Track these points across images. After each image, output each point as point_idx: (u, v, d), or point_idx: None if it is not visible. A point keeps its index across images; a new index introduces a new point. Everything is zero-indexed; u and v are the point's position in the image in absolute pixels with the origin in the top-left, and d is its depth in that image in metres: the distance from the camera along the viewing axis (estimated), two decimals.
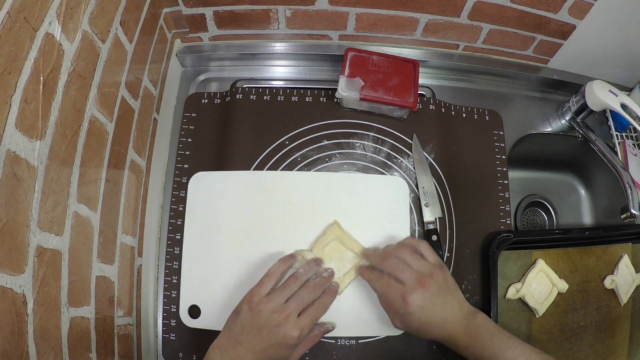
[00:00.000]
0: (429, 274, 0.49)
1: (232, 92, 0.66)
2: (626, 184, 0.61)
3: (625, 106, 0.62)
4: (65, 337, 0.39)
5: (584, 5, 0.60)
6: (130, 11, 0.50)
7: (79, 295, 0.42)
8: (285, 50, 0.70)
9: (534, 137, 0.72)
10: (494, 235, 0.59)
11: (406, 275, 0.48)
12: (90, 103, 0.43)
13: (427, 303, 0.47)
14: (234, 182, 0.60)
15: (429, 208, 0.60)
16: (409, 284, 0.48)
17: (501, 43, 0.70)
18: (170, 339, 0.56)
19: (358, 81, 0.60)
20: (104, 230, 0.47)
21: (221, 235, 0.58)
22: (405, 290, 0.48)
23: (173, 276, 0.58)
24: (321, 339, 0.55)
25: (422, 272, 0.49)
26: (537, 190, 0.85)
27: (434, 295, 0.48)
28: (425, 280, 0.48)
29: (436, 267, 0.50)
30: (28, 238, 0.34)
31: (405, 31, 0.68)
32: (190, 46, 0.70)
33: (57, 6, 0.36)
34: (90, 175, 0.44)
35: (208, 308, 0.56)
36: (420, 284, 0.48)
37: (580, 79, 0.72)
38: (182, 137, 0.64)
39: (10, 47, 0.31)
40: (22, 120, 0.32)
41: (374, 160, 0.63)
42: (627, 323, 0.64)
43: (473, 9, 0.62)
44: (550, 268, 0.60)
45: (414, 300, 0.47)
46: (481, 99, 0.72)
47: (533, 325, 0.59)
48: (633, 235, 0.65)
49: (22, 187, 0.33)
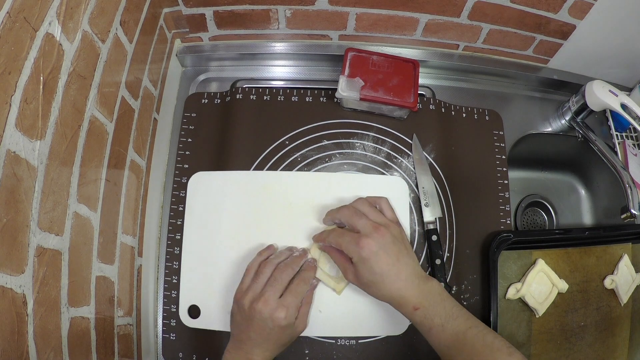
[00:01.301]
0: (385, 224, 0.48)
1: (232, 92, 0.66)
2: (626, 184, 0.61)
3: (625, 106, 0.62)
4: (65, 337, 0.39)
5: (584, 5, 0.60)
6: (130, 11, 0.50)
7: (79, 295, 0.42)
8: (285, 50, 0.70)
9: (534, 137, 0.72)
10: (494, 235, 0.59)
11: (361, 223, 0.48)
12: (90, 103, 0.43)
13: (381, 250, 0.46)
14: (234, 182, 0.60)
15: (429, 208, 0.60)
16: (364, 231, 0.47)
17: (501, 43, 0.70)
18: (170, 339, 0.56)
19: (358, 81, 0.60)
20: (104, 230, 0.47)
21: (221, 235, 0.58)
22: (360, 235, 0.47)
23: (173, 276, 0.58)
24: (321, 339, 0.55)
25: (378, 221, 0.48)
26: (537, 190, 0.85)
27: (388, 244, 0.47)
28: (381, 228, 0.47)
29: (393, 222, 0.49)
30: (28, 238, 0.34)
31: (405, 31, 0.68)
32: (190, 46, 0.70)
33: (57, 6, 0.36)
34: (90, 175, 0.44)
35: (208, 308, 0.56)
36: (375, 229, 0.47)
37: (580, 79, 0.72)
38: (182, 137, 0.64)
39: (10, 47, 0.31)
40: (22, 120, 0.32)
41: (374, 160, 0.63)
42: (627, 323, 0.64)
43: (473, 9, 0.62)
44: (550, 268, 0.60)
45: (368, 244, 0.46)
46: (481, 99, 0.71)
47: (533, 325, 0.59)
48: (633, 235, 0.65)
49: (22, 187, 0.33)
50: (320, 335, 0.55)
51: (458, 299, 0.58)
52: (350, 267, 0.49)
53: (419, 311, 0.46)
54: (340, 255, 0.51)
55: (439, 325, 0.45)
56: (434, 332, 0.45)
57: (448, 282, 0.58)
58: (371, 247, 0.46)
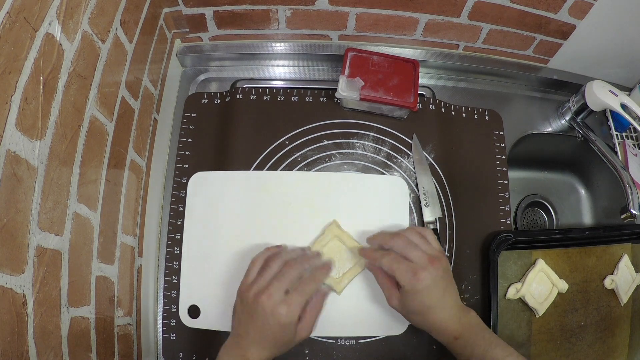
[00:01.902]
0: (437, 257, 0.49)
1: (232, 92, 0.66)
2: (626, 184, 0.61)
3: (625, 106, 0.62)
4: (65, 337, 0.39)
5: (584, 5, 0.60)
6: (130, 11, 0.50)
7: (79, 295, 0.42)
8: (285, 50, 0.70)
9: (534, 137, 0.72)
10: (494, 235, 0.59)
11: (416, 254, 0.48)
12: (90, 103, 0.43)
13: (433, 284, 0.47)
14: (234, 182, 0.60)
15: (429, 208, 0.60)
16: (419, 262, 0.47)
17: (501, 43, 0.70)
18: (170, 339, 0.56)
19: (358, 81, 0.60)
20: (104, 230, 0.47)
21: (221, 235, 0.58)
22: (417, 267, 0.47)
23: (173, 276, 0.58)
24: (321, 339, 0.55)
25: (430, 254, 0.48)
26: (537, 190, 0.85)
27: (439, 278, 0.47)
28: (434, 261, 0.48)
29: (441, 253, 0.50)
30: (28, 238, 0.34)
31: (405, 31, 0.68)
32: (190, 46, 0.70)
33: (57, 6, 0.36)
34: (90, 175, 0.44)
35: (207, 308, 0.56)
36: (430, 262, 0.47)
37: (580, 79, 0.72)
38: (182, 137, 0.64)
39: (10, 47, 0.31)
40: (22, 120, 0.32)
41: (374, 160, 0.63)
42: (627, 323, 0.64)
43: (473, 9, 0.62)
44: (550, 268, 0.60)
45: (425, 277, 0.46)
46: (481, 99, 0.71)
47: (533, 325, 0.59)
48: (633, 235, 0.65)
49: (22, 187, 0.33)
50: (320, 335, 0.55)
51: None
52: (396, 293, 0.49)
53: (459, 341, 0.47)
54: (387, 280, 0.51)
55: (479, 355, 0.46)
56: None
57: None
58: (427, 280, 0.46)
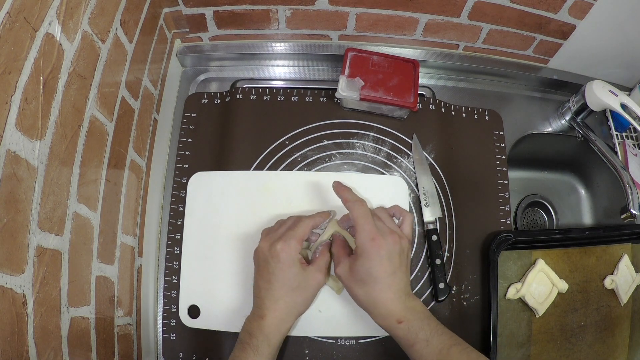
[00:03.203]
0: (398, 234, 0.48)
1: (232, 92, 0.66)
2: (626, 184, 0.61)
3: (625, 106, 0.62)
4: (65, 337, 0.39)
5: (584, 5, 0.60)
6: (130, 11, 0.50)
7: (79, 295, 0.42)
8: (285, 50, 0.70)
9: (534, 137, 0.72)
10: (494, 235, 0.59)
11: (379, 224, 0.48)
12: (90, 103, 0.43)
13: (387, 256, 0.45)
14: (234, 182, 0.60)
15: (429, 208, 0.60)
16: (382, 230, 0.47)
17: (501, 43, 0.70)
18: (170, 339, 0.56)
19: (358, 81, 0.60)
20: (104, 230, 0.47)
21: (221, 235, 0.58)
22: (377, 233, 0.46)
23: (173, 276, 0.58)
24: (321, 339, 0.55)
25: (392, 229, 0.48)
26: (537, 190, 0.85)
27: (395, 253, 0.46)
28: (395, 235, 0.47)
29: (406, 235, 0.49)
30: (28, 238, 0.34)
31: (405, 31, 0.68)
32: (190, 46, 0.70)
33: (57, 6, 0.36)
34: (90, 175, 0.44)
35: (207, 308, 0.56)
36: (391, 234, 0.46)
37: (580, 79, 0.72)
38: (182, 137, 0.64)
39: (10, 47, 0.31)
40: (22, 120, 0.32)
41: (374, 160, 0.63)
42: (627, 323, 0.64)
43: (473, 9, 0.62)
44: (550, 268, 0.60)
45: (381, 245, 0.45)
46: (481, 99, 0.72)
47: (533, 325, 0.59)
48: (633, 235, 0.65)
49: (22, 187, 0.33)
50: (320, 335, 0.55)
51: (458, 299, 0.58)
52: (346, 260, 0.48)
53: (402, 324, 0.45)
54: (342, 249, 0.50)
55: (423, 340, 0.44)
56: (417, 347, 0.45)
57: (448, 282, 0.58)
58: (381, 249, 0.45)
